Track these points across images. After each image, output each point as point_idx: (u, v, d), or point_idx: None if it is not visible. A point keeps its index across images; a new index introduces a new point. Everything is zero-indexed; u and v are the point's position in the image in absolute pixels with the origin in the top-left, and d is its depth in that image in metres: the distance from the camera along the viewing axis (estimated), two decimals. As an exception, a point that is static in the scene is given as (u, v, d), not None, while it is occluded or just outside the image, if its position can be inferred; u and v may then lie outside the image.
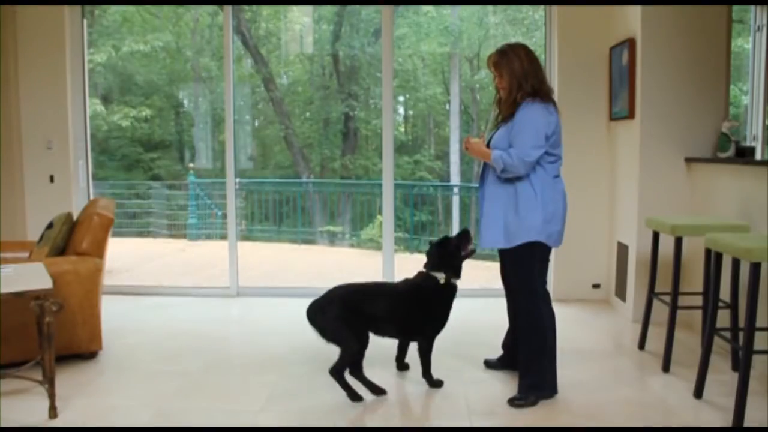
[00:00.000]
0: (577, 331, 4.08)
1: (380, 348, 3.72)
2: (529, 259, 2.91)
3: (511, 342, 3.32)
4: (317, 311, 2.98)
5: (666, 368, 3.34)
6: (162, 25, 10.39)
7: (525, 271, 2.93)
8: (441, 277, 3.10)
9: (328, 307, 2.97)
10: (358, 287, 3.13)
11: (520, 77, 2.87)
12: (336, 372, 2.92)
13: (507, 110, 2.91)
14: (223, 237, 7.56)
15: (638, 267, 4.23)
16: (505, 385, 3.17)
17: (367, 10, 10.12)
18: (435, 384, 3.15)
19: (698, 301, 3.60)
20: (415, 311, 3.10)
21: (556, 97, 4.81)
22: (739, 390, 2.60)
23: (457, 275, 3.14)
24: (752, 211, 3.39)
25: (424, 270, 3.17)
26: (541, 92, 2.89)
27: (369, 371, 3.18)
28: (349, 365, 2.94)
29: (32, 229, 4.94)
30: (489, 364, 3.42)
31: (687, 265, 3.92)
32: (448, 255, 3.13)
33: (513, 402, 2.90)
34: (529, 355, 2.96)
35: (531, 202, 2.85)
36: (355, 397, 2.93)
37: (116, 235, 7.90)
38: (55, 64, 4.92)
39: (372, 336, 3.05)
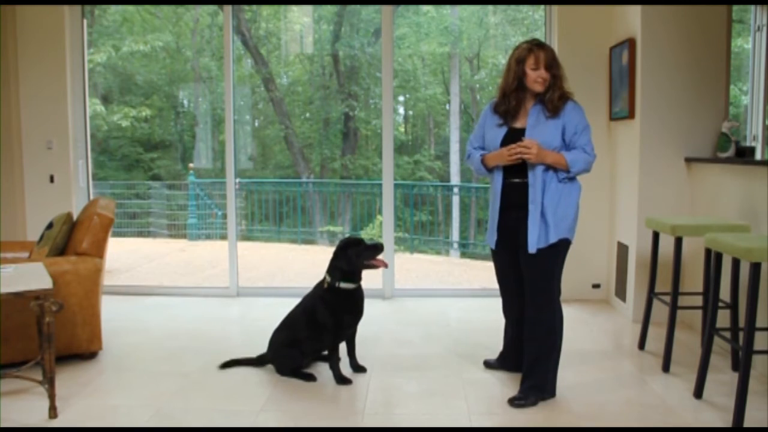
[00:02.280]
0: (577, 331, 4.08)
1: (376, 351, 3.72)
2: (563, 259, 2.96)
3: (511, 341, 3.29)
4: (269, 352, 3.41)
5: (666, 368, 3.34)
6: (162, 25, 10.39)
7: (558, 271, 2.96)
8: (326, 280, 3.22)
9: (270, 348, 3.39)
10: (284, 321, 3.39)
11: (563, 72, 2.95)
12: (282, 375, 3.31)
13: (556, 106, 2.91)
14: (223, 237, 7.58)
15: (638, 267, 4.23)
16: (505, 385, 3.17)
17: (367, 10, 10.12)
18: (342, 381, 3.19)
19: (698, 301, 3.60)
20: (309, 311, 3.27)
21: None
22: (739, 390, 2.60)
23: (348, 280, 3.18)
24: (752, 211, 3.39)
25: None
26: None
27: (369, 373, 3.20)
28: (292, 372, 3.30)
29: (32, 229, 4.94)
30: (488, 365, 3.41)
31: (687, 265, 3.92)
32: (343, 258, 3.18)
33: (513, 402, 2.90)
34: (537, 356, 2.94)
35: (572, 199, 2.93)
36: (309, 377, 3.26)
37: (116, 235, 7.92)
38: (55, 64, 4.92)
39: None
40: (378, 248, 3.18)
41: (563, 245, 2.93)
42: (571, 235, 2.94)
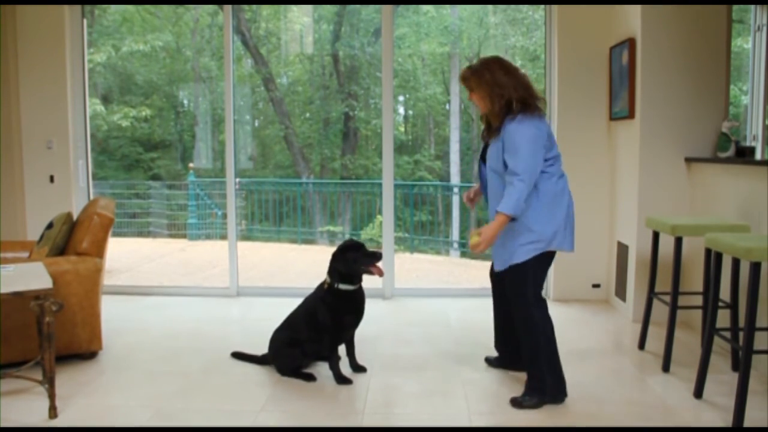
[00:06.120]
0: (577, 331, 4.08)
1: (376, 351, 3.72)
2: (527, 269, 2.88)
3: (501, 343, 3.35)
4: (269, 351, 3.41)
5: (666, 368, 3.34)
6: (162, 25, 10.40)
7: (522, 280, 2.91)
8: (326, 282, 3.23)
9: (271, 348, 3.39)
10: (285, 321, 3.39)
11: (495, 88, 2.81)
12: (285, 374, 3.30)
13: (495, 121, 2.86)
14: (223, 237, 7.57)
15: (638, 267, 4.23)
16: (505, 385, 3.17)
17: (367, 10, 10.12)
18: (342, 380, 3.19)
19: (698, 301, 3.60)
20: (310, 312, 3.27)
21: (556, 98, 4.83)
22: (739, 390, 2.60)
23: (346, 281, 3.17)
24: (752, 211, 3.39)
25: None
26: (525, 104, 2.80)
27: (369, 373, 3.21)
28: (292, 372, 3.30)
29: (32, 229, 4.94)
30: (490, 362, 3.44)
31: (687, 265, 3.92)
32: (341, 261, 3.18)
33: (514, 401, 2.90)
34: (528, 357, 2.96)
35: (539, 214, 2.84)
36: (308, 377, 3.24)
37: (116, 235, 7.92)
38: (55, 64, 4.91)
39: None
40: (377, 256, 3.16)
41: (538, 257, 2.87)
42: (551, 247, 2.86)
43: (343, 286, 3.17)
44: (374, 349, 3.68)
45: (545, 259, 2.93)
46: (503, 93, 2.80)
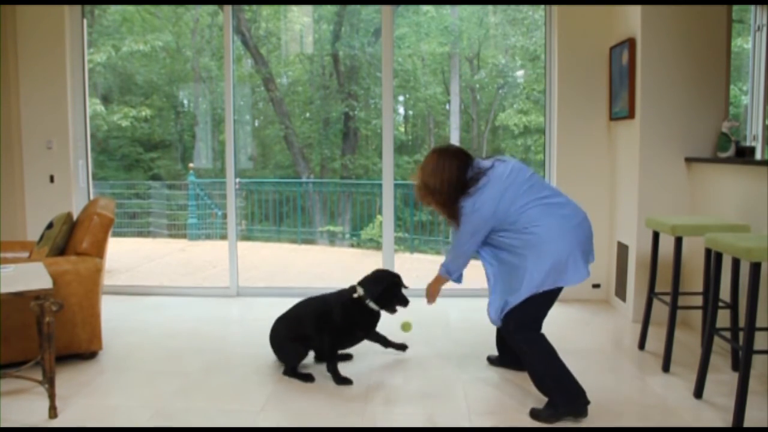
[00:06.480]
0: (577, 331, 4.08)
1: (376, 350, 3.72)
2: (526, 306, 2.84)
3: (502, 342, 3.37)
4: (271, 341, 3.46)
5: (666, 368, 3.34)
6: (162, 25, 10.39)
7: (521, 317, 2.86)
8: (360, 292, 3.29)
9: (273, 338, 3.43)
10: (291, 312, 3.43)
11: (432, 190, 3.08)
12: (286, 374, 3.31)
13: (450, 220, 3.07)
14: (223, 237, 7.58)
15: (638, 267, 4.23)
16: (505, 385, 3.17)
17: (367, 10, 10.12)
18: (341, 381, 3.21)
19: (698, 301, 3.60)
20: (326, 311, 3.31)
21: (556, 98, 4.84)
22: (739, 390, 2.60)
23: (376, 302, 3.28)
24: (752, 211, 3.39)
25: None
26: (460, 193, 2.96)
27: (369, 373, 3.19)
28: (291, 371, 3.31)
29: (32, 229, 4.94)
30: (491, 361, 3.46)
31: (687, 265, 3.92)
32: (383, 286, 3.28)
33: (532, 412, 2.81)
34: (531, 380, 2.92)
35: (522, 269, 2.84)
36: (307, 378, 3.25)
37: (116, 235, 7.92)
38: (55, 64, 4.92)
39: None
40: (406, 304, 3.38)
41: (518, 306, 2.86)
42: (544, 287, 2.81)
43: (372, 305, 3.28)
44: (374, 349, 3.68)
45: (537, 299, 2.84)
46: (438, 194, 3.05)
